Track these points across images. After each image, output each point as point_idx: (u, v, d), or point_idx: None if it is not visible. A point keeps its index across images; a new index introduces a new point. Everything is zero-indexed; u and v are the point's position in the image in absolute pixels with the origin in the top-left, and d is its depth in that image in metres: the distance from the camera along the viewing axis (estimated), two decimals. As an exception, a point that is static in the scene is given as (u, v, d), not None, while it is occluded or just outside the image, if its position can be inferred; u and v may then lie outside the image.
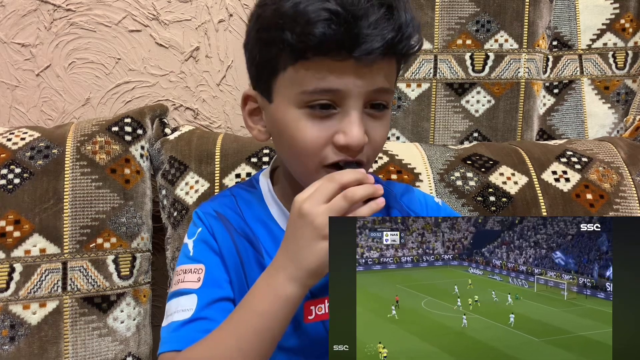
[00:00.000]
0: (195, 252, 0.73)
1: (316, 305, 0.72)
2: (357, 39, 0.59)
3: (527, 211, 1.02)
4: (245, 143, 1.07)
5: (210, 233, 0.74)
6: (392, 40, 0.60)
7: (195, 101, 1.28)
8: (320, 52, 0.60)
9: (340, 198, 0.59)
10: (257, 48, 0.67)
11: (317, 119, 0.64)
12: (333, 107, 0.63)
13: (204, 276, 0.69)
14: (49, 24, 1.23)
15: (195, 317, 0.67)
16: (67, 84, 1.26)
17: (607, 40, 1.29)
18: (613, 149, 1.12)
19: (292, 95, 0.64)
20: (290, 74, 0.64)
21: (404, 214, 0.80)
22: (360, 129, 0.63)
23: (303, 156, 0.65)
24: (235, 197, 0.78)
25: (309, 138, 0.64)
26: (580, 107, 1.30)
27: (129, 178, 1.02)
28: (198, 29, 1.26)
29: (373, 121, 0.66)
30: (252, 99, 0.73)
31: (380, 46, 0.59)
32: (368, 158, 0.67)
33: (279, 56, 0.64)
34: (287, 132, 0.65)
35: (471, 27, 1.23)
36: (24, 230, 0.94)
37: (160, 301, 1.16)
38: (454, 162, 1.07)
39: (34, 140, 1.01)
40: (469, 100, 1.24)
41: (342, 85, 0.62)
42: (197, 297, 0.68)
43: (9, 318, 0.91)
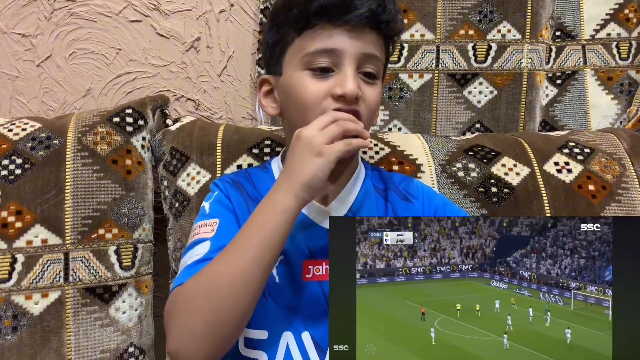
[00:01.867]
0: (211, 210, 0.80)
1: (314, 266, 0.77)
2: (349, 7, 0.73)
3: (529, 202, 1.02)
4: (246, 134, 1.07)
5: (226, 196, 0.82)
6: (376, 10, 0.74)
7: (196, 92, 1.28)
8: (320, 17, 0.74)
9: (334, 125, 0.70)
10: (271, 33, 0.80)
11: (317, 77, 0.75)
12: (331, 69, 0.75)
13: (217, 227, 0.77)
14: (49, 14, 1.23)
15: (205, 258, 0.72)
16: (68, 74, 1.25)
17: (610, 30, 1.28)
18: (616, 140, 1.12)
19: (298, 60, 0.76)
20: (297, 44, 0.77)
21: (401, 197, 0.85)
22: (354, 81, 0.74)
23: (306, 109, 0.75)
24: (249, 174, 0.87)
25: (310, 91, 0.75)
26: (583, 98, 1.29)
27: (131, 169, 1.02)
28: (199, 19, 1.25)
29: (366, 85, 0.77)
30: (266, 83, 0.84)
31: (366, 11, 0.73)
32: (363, 114, 0.76)
33: (288, 33, 0.78)
34: (293, 91, 0.77)
35: (474, 17, 1.22)
36: (26, 220, 0.94)
37: (162, 292, 1.17)
38: (455, 153, 1.07)
39: (35, 130, 1.00)
40: (471, 91, 1.24)
41: (338, 44, 0.74)
42: (210, 243, 0.74)
43: (11, 308, 0.91)
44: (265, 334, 0.75)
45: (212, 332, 0.66)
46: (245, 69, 1.28)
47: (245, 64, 1.28)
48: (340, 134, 0.69)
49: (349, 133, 0.70)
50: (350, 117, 0.72)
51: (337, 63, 0.75)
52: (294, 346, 0.74)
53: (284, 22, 0.78)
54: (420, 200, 0.86)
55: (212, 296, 0.66)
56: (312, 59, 0.75)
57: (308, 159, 0.68)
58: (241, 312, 0.67)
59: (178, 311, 0.68)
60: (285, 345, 0.74)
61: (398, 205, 0.84)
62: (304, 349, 0.74)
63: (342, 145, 0.69)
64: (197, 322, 0.66)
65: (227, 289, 0.66)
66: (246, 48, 1.27)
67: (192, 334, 0.66)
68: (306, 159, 0.69)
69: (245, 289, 0.67)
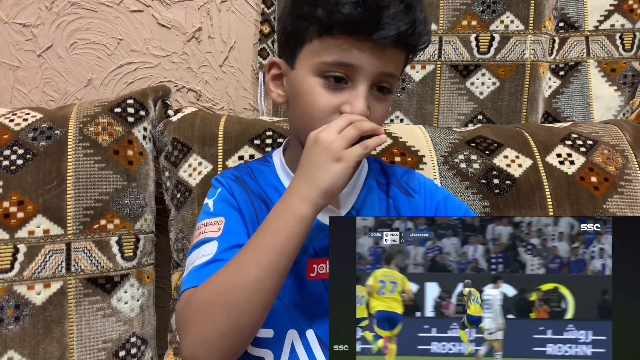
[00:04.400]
0: (216, 208, 0.78)
1: (318, 264, 0.76)
2: (377, 25, 0.68)
3: (531, 194, 1.02)
4: (248, 125, 1.07)
5: (230, 193, 0.79)
6: (405, 32, 0.69)
7: (197, 82, 1.28)
8: (344, 29, 0.69)
9: (350, 128, 0.67)
10: (290, 20, 0.76)
11: (329, 89, 0.72)
12: (345, 81, 0.72)
13: (223, 226, 0.74)
14: (50, 3, 1.22)
15: (215, 259, 0.71)
16: (69, 64, 1.25)
17: (614, 21, 1.27)
18: (618, 132, 1.11)
19: (313, 64, 0.73)
20: (315, 46, 0.72)
21: (402, 191, 0.84)
22: (365, 103, 0.71)
23: (313, 119, 0.72)
24: (250, 168, 0.84)
25: (320, 103, 0.72)
26: (586, 89, 1.29)
27: (132, 159, 1.02)
28: (200, 9, 1.25)
29: (376, 102, 0.74)
30: (276, 66, 0.80)
31: (394, 35, 0.69)
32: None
33: (308, 29, 0.73)
34: (303, 96, 0.74)
35: (477, 8, 1.22)
36: (28, 211, 0.94)
37: (163, 282, 1.17)
38: (458, 145, 1.07)
39: (37, 121, 1.00)
40: (474, 82, 1.23)
41: (357, 61, 0.70)
42: (217, 243, 0.73)
43: (13, 298, 0.92)
44: (271, 332, 0.74)
45: (227, 340, 0.65)
46: (247, 60, 1.28)
47: (247, 54, 1.27)
48: (357, 137, 0.67)
49: (366, 133, 0.68)
50: (364, 118, 0.70)
51: (351, 77, 0.72)
52: (298, 344, 0.74)
53: (306, 16, 0.72)
54: (422, 195, 0.85)
55: (227, 307, 0.65)
56: (327, 68, 0.72)
57: (327, 165, 0.66)
58: (256, 320, 0.67)
59: (192, 319, 0.67)
60: (290, 343, 0.74)
61: (400, 201, 0.84)
62: (309, 346, 0.74)
63: (361, 149, 0.67)
64: (212, 332, 0.65)
65: (242, 298, 0.65)
66: (248, 38, 1.27)
67: (206, 342, 0.66)
68: (325, 164, 0.66)
69: (261, 298, 0.66)
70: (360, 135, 0.68)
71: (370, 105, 0.72)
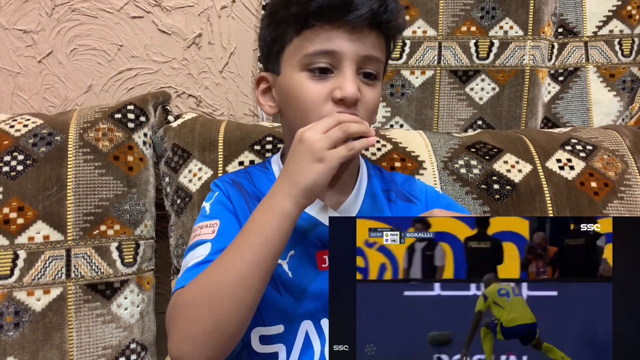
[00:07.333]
0: (212, 211, 0.79)
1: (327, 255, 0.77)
2: (350, 6, 0.71)
3: (531, 200, 1.02)
4: (248, 131, 1.07)
5: (226, 196, 0.81)
6: (377, 10, 0.72)
7: (197, 88, 1.28)
8: (320, 17, 0.72)
9: (336, 129, 0.67)
10: (269, 30, 0.79)
11: (317, 79, 0.74)
12: (331, 71, 0.74)
13: (218, 229, 0.76)
14: (51, 10, 1.22)
15: (207, 260, 0.71)
16: (69, 70, 1.25)
17: (613, 27, 1.28)
18: (618, 137, 1.12)
19: (297, 61, 0.75)
20: (295, 43, 0.75)
21: (403, 198, 0.85)
22: (354, 85, 0.72)
23: (307, 113, 0.73)
24: (249, 174, 0.86)
25: (310, 94, 0.73)
26: (586, 94, 1.29)
27: (132, 165, 1.02)
28: (201, 15, 1.25)
29: (365, 87, 0.75)
30: (264, 80, 0.83)
31: (367, 11, 0.71)
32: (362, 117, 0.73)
33: (287, 31, 0.76)
34: (292, 93, 0.75)
35: (476, 14, 1.22)
36: (28, 217, 0.94)
37: (163, 288, 1.17)
38: (457, 150, 1.07)
39: (37, 127, 1.00)
40: (473, 87, 1.24)
41: (338, 46, 0.72)
42: (211, 245, 0.74)
43: (13, 304, 0.91)
44: (281, 328, 0.75)
45: (213, 338, 0.66)
46: (247, 66, 1.28)
47: (247, 60, 1.28)
48: (342, 138, 0.67)
49: (353, 136, 0.68)
50: (354, 118, 0.70)
51: (336, 64, 0.73)
52: (313, 333, 0.75)
53: (283, 20, 0.76)
54: (422, 201, 0.86)
55: (211, 303, 0.66)
56: (311, 60, 0.73)
57: (309, 164, 0.67)
58: (242, 317, 0.67)
59: (178, 317, 0.68)
60: (304, 333, 0.75)
61: (400, 207, 0.84)
62: (323, 334, 0.75)
63: (344, 151, 0.67)
64: (198, 330, 0.66)
65: (226, 295, 0.65)
66: (248, 44, 1.27)
67: (192, 340, 0.66)
68: (307, 163, 0.67)
69: (245, 294, 0.66)
70: (345, 138, 0.68)
71: (360, 90, 0.73)
